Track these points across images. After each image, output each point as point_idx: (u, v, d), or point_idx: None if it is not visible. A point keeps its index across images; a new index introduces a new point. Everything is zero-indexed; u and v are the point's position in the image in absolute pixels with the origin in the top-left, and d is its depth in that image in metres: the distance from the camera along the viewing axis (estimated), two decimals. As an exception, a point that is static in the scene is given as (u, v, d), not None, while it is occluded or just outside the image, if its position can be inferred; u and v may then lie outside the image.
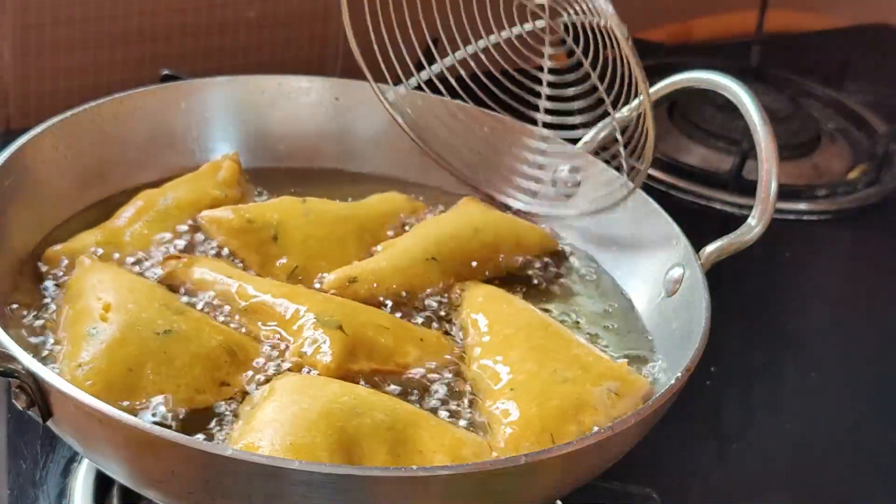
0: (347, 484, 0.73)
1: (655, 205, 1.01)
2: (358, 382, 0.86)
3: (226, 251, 0.97)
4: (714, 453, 1.08)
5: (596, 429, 0.82)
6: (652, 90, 1.02)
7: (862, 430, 1.12)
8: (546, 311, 0.96)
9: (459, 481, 0.74)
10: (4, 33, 1.27)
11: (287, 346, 0.88)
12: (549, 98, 1.06)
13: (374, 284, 0.94)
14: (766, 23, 1.62)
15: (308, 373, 0.86)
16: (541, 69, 1.05)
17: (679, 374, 0.84)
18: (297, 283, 0.94)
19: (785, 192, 1.32)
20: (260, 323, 0.89)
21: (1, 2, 1.25)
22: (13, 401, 0.77)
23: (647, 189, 1.03)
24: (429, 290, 0.96)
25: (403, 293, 0.95)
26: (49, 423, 0.79)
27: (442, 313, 0.95)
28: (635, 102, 0.99)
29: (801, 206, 1.38)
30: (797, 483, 1.06)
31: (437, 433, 0.82)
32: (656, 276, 0.98)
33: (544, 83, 1.05)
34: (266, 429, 0.79)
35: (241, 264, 0.96)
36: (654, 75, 0.98)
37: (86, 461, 0.94)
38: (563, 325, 0.95)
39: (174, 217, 0.98)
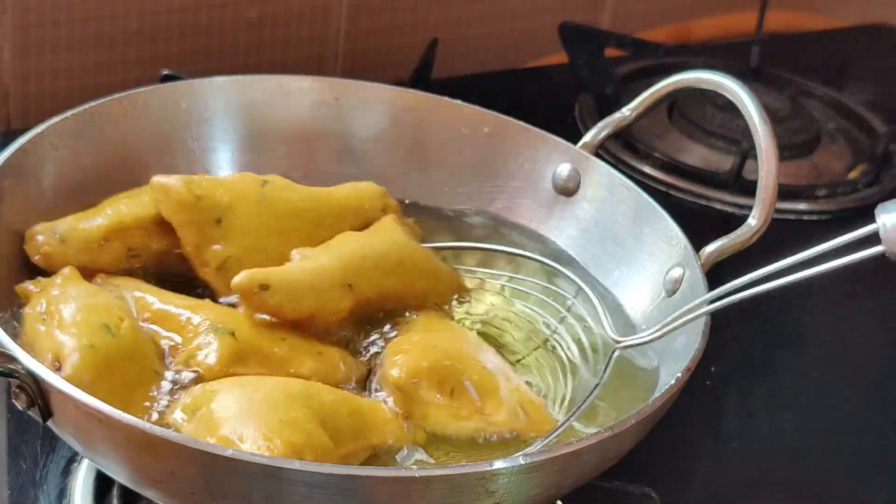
0: (348, 484, 0.73)
1: (655, 205, 1.01)
2: None
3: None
4: (714, 453, 1.08)
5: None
6: (652, 90, 1.02)
7: (862, 430, 1.12)
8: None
9: (460, 481, 0.75)
10: (4, 33, 1.27)
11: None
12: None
13: (286, 299, 0.88)
14: (766, 23, 1.61)
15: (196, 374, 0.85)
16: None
17: (679, 374, 0.84)
18: (227, 274, 0.91)
19: (785, 192, 1.32)
20: (164, 332, 0.88)
21: (1, 2, 1.25)
22: (13, 401, 0.77)
23: (647, 189, 1.03)
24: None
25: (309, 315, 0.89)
26: (49, 423, 0.78)
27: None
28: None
29: (801, 206, 1.38)
30: (797, 483, 1.06)
31: (378, 408, 0.85)
32: (656, 276, 0.98)
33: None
34: (240, 417, 0.78)
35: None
36: (654, 75, 0.98)
37: (86, 461, 0.94)
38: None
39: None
